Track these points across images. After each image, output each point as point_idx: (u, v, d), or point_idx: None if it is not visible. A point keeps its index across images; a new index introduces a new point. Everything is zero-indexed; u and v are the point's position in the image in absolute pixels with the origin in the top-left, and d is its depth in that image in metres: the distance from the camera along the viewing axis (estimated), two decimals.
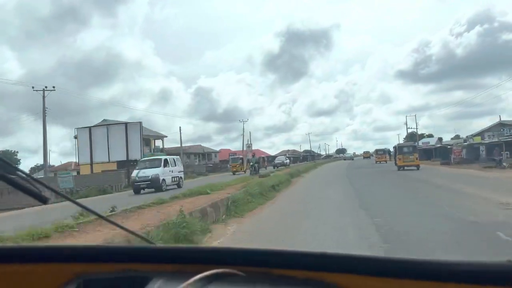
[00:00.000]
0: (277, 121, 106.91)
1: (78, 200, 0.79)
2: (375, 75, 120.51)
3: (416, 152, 20.79)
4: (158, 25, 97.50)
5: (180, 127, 36.63)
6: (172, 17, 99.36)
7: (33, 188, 0.63)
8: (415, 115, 54.90)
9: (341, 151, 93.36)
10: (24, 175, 0.62)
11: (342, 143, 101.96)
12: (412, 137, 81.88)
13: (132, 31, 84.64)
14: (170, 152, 27.32)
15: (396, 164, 20.38)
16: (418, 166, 19.30)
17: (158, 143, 33.21)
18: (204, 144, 45.47)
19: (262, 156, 52.92)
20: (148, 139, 28.62)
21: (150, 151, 25.25)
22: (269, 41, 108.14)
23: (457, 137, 49.14)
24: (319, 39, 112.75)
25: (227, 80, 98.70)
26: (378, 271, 0.52)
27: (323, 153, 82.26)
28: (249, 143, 40.51)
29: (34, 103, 24.52)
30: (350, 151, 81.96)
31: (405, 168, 19.35)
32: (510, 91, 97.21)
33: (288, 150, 70.70)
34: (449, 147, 30.04)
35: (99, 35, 77.48)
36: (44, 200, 0.65)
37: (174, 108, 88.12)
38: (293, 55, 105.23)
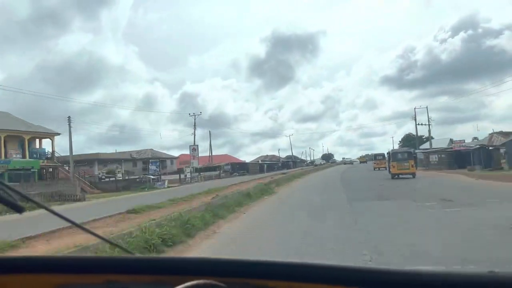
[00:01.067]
0: (263, 126, 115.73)
1: None
2: (360, 81, 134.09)
3: (412, 158, 21.20)
4: (141, 29, 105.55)
5: (70, 126, 26.79)
6: (155, 22, 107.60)
7: (9, 197, 0.69)
8: (427, 107, 48.71)
9: (327, 157, 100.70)
10: (2, 186, 0.68)
11: (328, 149, 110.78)
12: (409, 140, 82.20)
13: (115, 36, 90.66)
14: (61, 159, 25.66)
15: (389, 171, 20.86)
16: (413, 174, 19.70)
17: (47, 143, 27.61)
18: (185, 152, 44.53)
19: (231, 162, 50.70)
20: (20, 136, 23.83)
21: (21, 154, 21.56)
22: (255, 47, 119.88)
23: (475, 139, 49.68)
24: (305, 45, 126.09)
25: (213, 85, 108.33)
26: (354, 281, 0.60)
27: (308, 159, 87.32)
28: (195, 145, 39.04)
29: None
30: (336, 157, 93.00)
31: (400, 176, 19.75)
32: (494, 96, 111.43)
33: (267, 156, 71.40)
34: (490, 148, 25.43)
35: (81, 39, 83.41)
36: (19, 210, 0.72)
37: (159, 114, 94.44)
38: (279, 61, 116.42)
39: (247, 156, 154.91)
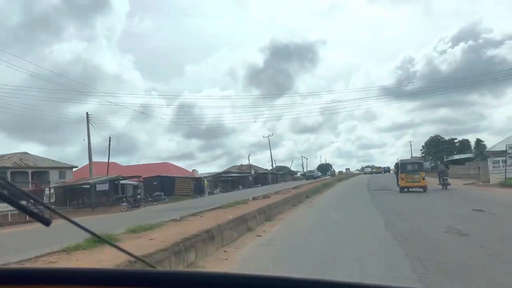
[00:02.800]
0: (261, 137, 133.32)
1: None
2: (359, 92, 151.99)
3: (423, 170, 23.99)
4: (137, 38, 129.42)
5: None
6: (152, 30, 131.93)
7: (36, 210, 0.93)
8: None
9: (325, 168, 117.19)
10: (27, 197, 0.91)
11: (326, 159, 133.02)
12: (435, 144, 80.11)
13: (110, 44, 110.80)
14: None
15: (398, 184, 23.68)
16: (425, 188, 22.39)
17: None
18: (185, 163, 45.41)
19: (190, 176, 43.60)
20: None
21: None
22: (253, 56, 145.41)
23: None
24: (304, 54, 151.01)
25: (211, 96, 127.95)
26: None
27: (298, 170, 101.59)
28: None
29: None
30: (335, 168, 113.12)
31: (410, 189, 22.74)
32: (493, 108, 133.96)
33: (241, 165, 74.62)
34: None
35: (75, 47, 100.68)
36: (46, 222, 0.96)
37: (156, 124, 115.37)
38: (277, 72, 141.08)
39: (212, 167, 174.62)
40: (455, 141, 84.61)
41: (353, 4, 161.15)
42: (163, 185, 38.12)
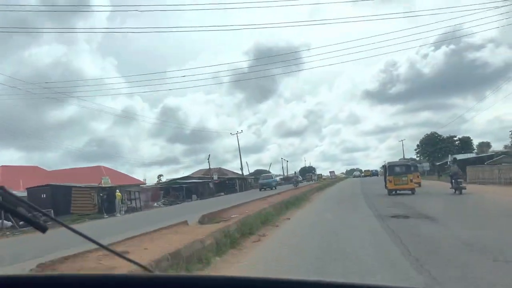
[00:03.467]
0: (246, 142, 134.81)
1: None
2: (343, 96, 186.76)
3: (410, 172, 26.19)
4: (119, 41, 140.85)
5: None
6: (133, 34, 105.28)
7: (33, 217, 1.02)
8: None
9: (308, 170, 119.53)
10: (24, 204, 1.02)
11: (311, 163, 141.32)
12: (433, 143, 79.75)
13: (91, 47, 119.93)
14: None
15: (386, 187, 25.99)
16: (413, 190, 24.98)
17: None
18: (168, 168, 50.17)
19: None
20: None
21: None
22: (237, 60, 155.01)
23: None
24: (287, 58, 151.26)
25: (194, 100, 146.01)
26: None
27: (286, 173, 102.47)
28: None
29: None
30: (318, 172, 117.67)
31: (398, 192, 25.15)
32: (474, 112, 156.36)
33: (210, 169, 72.48)
34: None
35: (55, 50, 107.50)
36: (43, 229, 1.05)
37: (138, 129, 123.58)
38: (261, 76, 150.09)
39: (169, 174, 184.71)
40: (455, 139, 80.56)
41: (336, 7, 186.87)
42: (55, 198, 30.40)
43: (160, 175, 66.26)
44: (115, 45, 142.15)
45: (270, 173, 73.38)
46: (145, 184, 54.04)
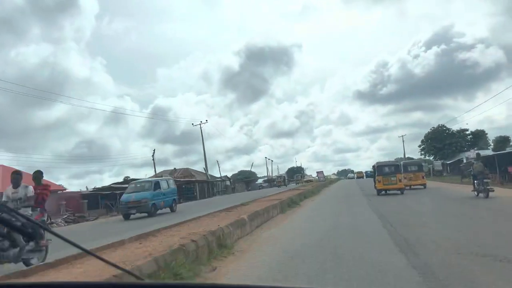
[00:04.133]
0: (238, 142, 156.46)
1: None
2: (334, 96, 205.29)
3: (400, 172, 30.39)
4: (107, 41, 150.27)
5: None
6: (122, 32, 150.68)
7: (23, 227, 4.41)
8: None
9: (296, 171, 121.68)
10: (16, 214, 3.46)
11: (302, 164, 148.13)
12: (440, 137, 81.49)
13: (79, 47, 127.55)
14: None
15: (375, 187, 30.37)
16: (402, 190, 29.21)
17: None
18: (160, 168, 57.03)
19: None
20: None
21: None
22: (228, 60, 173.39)
23: None
24: (279, 59, 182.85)
25: (185, 100, 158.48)
26: None
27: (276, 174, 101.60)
28: None
29: None
30: (309, 173, 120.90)
31: (387, 192, 29.44)
32: (464, 112, 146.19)
33: (175, 170, 70.07)
34: None
35: (41, 50, 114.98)
36: (32, 237, 5.42)
37: (128, 130, 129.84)
38: (252, 76, 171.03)
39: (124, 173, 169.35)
40: (466, 133, 75.51)
41: (327, 7, 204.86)
42: None
43: (126, 177, 57.94)
44: None
45: (253, 172, 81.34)
46: (64, 190, 47.28)
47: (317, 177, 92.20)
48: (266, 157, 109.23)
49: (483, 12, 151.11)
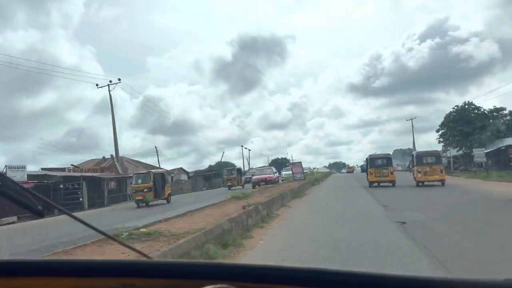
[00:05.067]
0: (230, 134, 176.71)
1: None
2: (327, 89, 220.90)
3: (391, 164, 35.47)
4: (97, 27, 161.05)
5: None
6: (112, 20, 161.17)
7: (30, 202, 1.25)
8: None
9: (281, 164, 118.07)
10: (21, 189, 1.26)
11: (294, 157, 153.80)
12: (467, 118, 72.94)
13: (68, 34, 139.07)
14: None
15: (367, 179, 35.58)
16: (393, 182, 34.14)
17: None
18: (150, 160, 56.16)
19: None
20: None
21: None
22: (220, 50, 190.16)
23: None
24: (272, 50, 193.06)
25: (177, 90, 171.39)
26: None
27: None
28: None
29: None
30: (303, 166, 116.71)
31: (380, 184, 34.60)
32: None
33: (104, 158, 64.99)
34: None
35: (28, 36, 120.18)
36: (40, 213, 1.32)
37: (118, 120, 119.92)
38: (245, 67, 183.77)
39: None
40: (504, 112, 64.54)
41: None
42: None
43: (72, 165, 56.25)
44: None
45: (234, 166, 67.68)
46: None
47: (292, 175, 55.90)
48: (242, 146, 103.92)
49: (479, 4, 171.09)
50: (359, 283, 1.16)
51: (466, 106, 69.98)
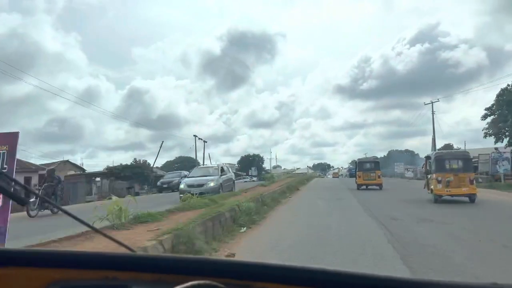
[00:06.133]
0: (216, 130, 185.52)
1: None
2: (315, 89, 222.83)
3: (379, 168, 39.81)
4: (82, 15, 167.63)
5: None
6: (97, 8, 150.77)
7: (12, 190, 1.52)
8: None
9: (251, 163, 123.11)
10: (6, 178, 1.62)
11: (278, 156, 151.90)
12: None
13: (51, 20, 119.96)
14: None
15: (356, 182, 40.31)
16: (380, 186, 38.12)
17: None
18: (137, 153, 50.85)
19: None
20: None
21: None
22: (209, 45, 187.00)
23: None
24: (262, 48, 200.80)
25: (163, 83, 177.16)
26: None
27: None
28: None
29: None
30: (287, 166, 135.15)
31: (368, 187, 38.58)
32: (443, 113, 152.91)
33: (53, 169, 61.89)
34: None
35: (8, 20, 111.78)
36: (22, 202, 1.62)
37: (101, 111, 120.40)
38: (234, 63, 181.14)
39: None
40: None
41: None
42: None
43: None
44: None
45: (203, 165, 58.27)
46: None
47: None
48: (195, 136, 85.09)
49: (470, 9, 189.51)
50: (343, 282, 1.24)
51: None
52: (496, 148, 47.32)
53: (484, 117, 60.05)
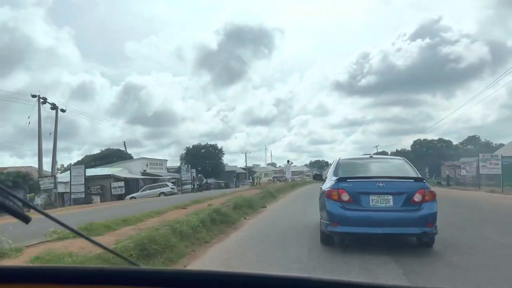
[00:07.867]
0: (213, 128, 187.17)
1: None
2: (313, 86, 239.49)
3: None
4: (75, 9, 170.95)
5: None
6: (90, 3, 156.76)
7: (17, 208, 1.31)
8: None
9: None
10: (6, 194, 1.31)
11: (275, 154, 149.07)
12: None
13: (43, 13, 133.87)
14: None
15: None
16: None
17: None
18: (131, 150, 61.18)
19: None
20: None
21: None
22: (206, 40, 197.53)
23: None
24: (259, 43, 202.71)
25: (158, 80, 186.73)
26: None
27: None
28: None
29: None
30: (282, 163, 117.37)
31: None
32: (442, 111, 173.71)
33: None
34: None
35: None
36: (26, 219, 1.38)
37: (95, 108, 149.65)
38: (231, 59, 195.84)
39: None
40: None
41: None
42: None
43: None
44: None
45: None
46: None
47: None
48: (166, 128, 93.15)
49: (471, 4, 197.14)
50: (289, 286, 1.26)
51: None
52: None
53: None
